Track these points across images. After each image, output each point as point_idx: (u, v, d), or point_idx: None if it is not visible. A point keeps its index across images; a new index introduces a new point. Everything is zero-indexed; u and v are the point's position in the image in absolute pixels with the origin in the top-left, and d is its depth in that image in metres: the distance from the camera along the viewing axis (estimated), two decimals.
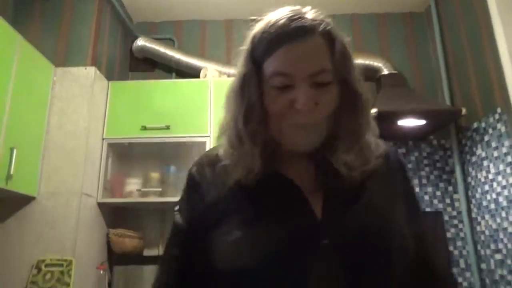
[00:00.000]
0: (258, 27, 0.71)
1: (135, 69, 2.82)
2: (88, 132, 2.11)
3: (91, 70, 2.20)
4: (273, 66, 0.67)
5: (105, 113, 2.33)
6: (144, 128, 2.28)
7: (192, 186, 0.78)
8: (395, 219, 0.70)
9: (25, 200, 1.96)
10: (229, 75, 2.58)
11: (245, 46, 0.72)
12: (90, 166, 2.12)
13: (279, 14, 0.69)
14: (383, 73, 2.50)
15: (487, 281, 2.17)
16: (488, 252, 2.15)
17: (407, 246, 0.69)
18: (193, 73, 2.63)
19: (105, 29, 2.43)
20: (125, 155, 2.46)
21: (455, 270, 2.30)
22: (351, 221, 0.67)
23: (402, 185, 0.78)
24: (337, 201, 0.69)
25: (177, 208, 0.80)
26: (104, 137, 2.29)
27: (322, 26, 0.67)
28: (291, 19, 0.67)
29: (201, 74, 2.55)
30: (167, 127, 2.29)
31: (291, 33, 0.66)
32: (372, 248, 0.65)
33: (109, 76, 2.42)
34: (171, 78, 2.75)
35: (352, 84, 0.70)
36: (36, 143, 2.01)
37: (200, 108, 2.35)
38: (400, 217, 0.71)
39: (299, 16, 0.67)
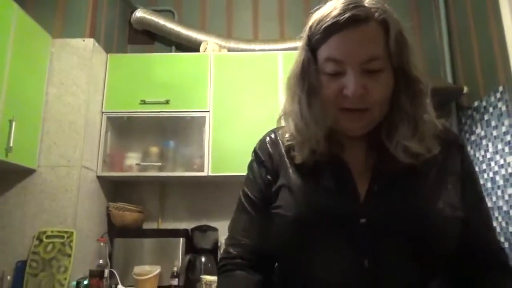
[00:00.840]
0: (316, 16, 0.73)
1: (134, 42, 2.77)
2: (87, 105, 2.09)
3: (90, 42, 2.16)
4: (326, 53, 0.70)
5: (104, 86, 2.31)
6: (144, 102, 2.27)
7: (257, 163, 0.85)
8: (440, 205, 0.70)
9: (25, 172, 1.96)
10: (229, 49, 2.55)
11: (304, 34, 0.75)
12: (89, 139, 2.12)
13: (336, 2, 0.70)
14: None
15: None
16: None
17: (447, 232, 0.69)
18: (193, 46, 2.59)
19: None
20: (125, 129, 2.45)
21: None
22: (392, 204, 0.70)
23: (459, 167, 0.77)
24: (383, 183, 0.72)
25: (245, 181, 0.87)
26: (103, 110, 2.28)
27: (377, 14, 0.69)
28: (346, 8, 0.68)
29: (201, 48, 2.51)
30: (167, 102, 2.28)
31: (345, 22, 0.67)
32: (408, 232, 0.68)
33: (108, 49, 2.38)
34: (170, 51, 2.71)
35: (409, 71, 0.71)
36: (35, 115, 2.00)
37: (200, 83, 2.32)
38: (448, 202, 0.71)
39: (355, 4, 0.68)
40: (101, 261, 1.96)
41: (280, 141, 0.82)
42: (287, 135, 0.80)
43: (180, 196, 2.52)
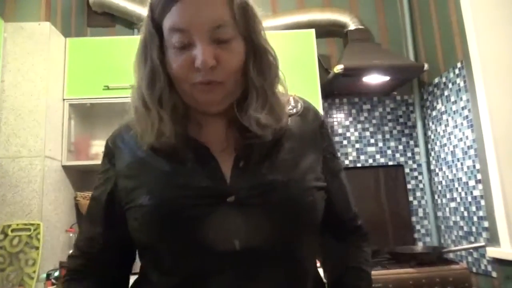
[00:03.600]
0: None
1: (93, 25, 2.66)
2: (47, 92, 2.01)
3: (46, 26, 2.05)
4: (170, 22, 0.64)
5: (64, 72, 2.21)
6: (107, 87, 2.20)
7: (107, 158, 0.77)
8: (303, 176, 0.71)
9: None
10: None
11: (147, 9, 0.69)
12: (51, 128, 2.04)
13: None
14: (349, 28, 2.49)
15: (442, 227, 2.34)
16: (444, 201, 2.30)
17: (314, 201, 0.71)
18: None
19: None
20: (89, 116, 2.37)
21: (414, 219, 2.46)
22: (259, 179, 0.68)
23: (320, 141, 0.79)
24: (248, 159, 0.69)
25: (96, 183, 0.78)
26: (64, 97, 2.19)
27: None
28: None
29: None
30: (131, 87, 2.21)
31: None
32: (278, 206, 0.67)
33: (66, 33, 2.28)
34: (133, 34, 2.62)
35: (256, 40, 0.69)
36: None
37: None
38: (311, 173, 0.72)
39: None
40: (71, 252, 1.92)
41: (133, 129, 0.73)
42: (133, 123, 0.73)
43: None
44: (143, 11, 2.52)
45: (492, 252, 1.82)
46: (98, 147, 2.26)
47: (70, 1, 2.43)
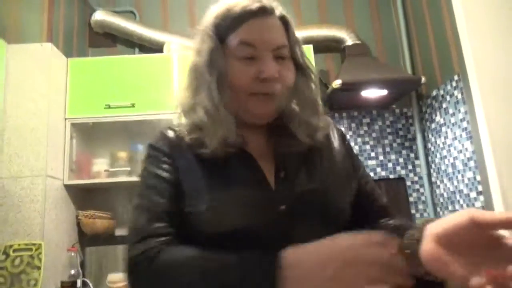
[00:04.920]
0: (219, 7, 0.79)
1: (95, 45, 2.71)
2: (48, 112, 2.03)
3: (47, 47, 2.09)
4: (240, 37, 0.75)
5: (66, 92, 2.24)
6: (108, 106, 2.22)
7: (157, 158, 0.79)
8: (339, 185, 0.79)
9: None
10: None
11: (206, 24, 0.79)
12: (53, 147, 2.06)
13: None
14: (347, 43, 2.52)
15: None
16: (446, 213, 2.29)
17: (346, 209, 0.78)
18: (156, 48, 2.56)
19: (60, 0, 2.31)
20: (90, 134, 2.39)
21: None
22: (300, 188, 0.75)
23: (345, 147, 0.89)
24: (288, 168, 0.77)
25: (150, 167, 0.78)
26: (66, 117, 2.21)
27: (278, 10, 0.79)
28: (252, 0, 0.77)
29: (165, 49, 2.49)
30: (132, 105, 2.24)
31: (255, 10, 0.76)
32: (322, 212, 0.74)
33: (67, 53, 2.32)
34: (134, 53, 2.66)
35: (304, 62, 0.81)
36: None
37: (165, 84, 2.30)
38: (347, 176, 0.82)
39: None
40: (72, 272, 1.91)
41: (181, 136, 0.79)
42: (188, 129, 0.78)
43: None
44: (144, 31, 2.57)
45: None
46: (99, 165, 2.27)
47: (72, 22, 2.48)
